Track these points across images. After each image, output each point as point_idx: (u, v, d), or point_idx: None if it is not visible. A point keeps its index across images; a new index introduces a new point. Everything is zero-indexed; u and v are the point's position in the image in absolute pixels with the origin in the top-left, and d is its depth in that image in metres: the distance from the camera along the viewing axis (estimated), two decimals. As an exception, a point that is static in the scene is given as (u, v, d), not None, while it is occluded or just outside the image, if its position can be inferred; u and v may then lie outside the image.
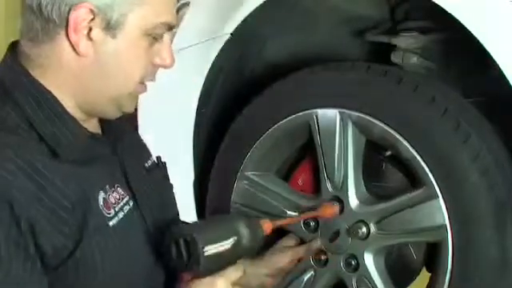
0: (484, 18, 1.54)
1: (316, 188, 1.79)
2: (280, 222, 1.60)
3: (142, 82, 1.32)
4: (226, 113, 1.94)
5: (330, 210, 1.70)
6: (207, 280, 1.35)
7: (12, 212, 1.15)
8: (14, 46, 1.31)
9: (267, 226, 1.49)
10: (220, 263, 1.37)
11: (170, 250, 1.34)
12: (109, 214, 1.29)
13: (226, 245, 1.36)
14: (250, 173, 1.86)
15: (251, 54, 1.96)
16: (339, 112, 1.70)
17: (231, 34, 1.85)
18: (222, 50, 1.86)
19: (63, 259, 1.22)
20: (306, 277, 1.78)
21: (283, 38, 1.95)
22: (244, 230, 1.40)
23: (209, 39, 1.87)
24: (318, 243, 1.73)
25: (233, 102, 1.96)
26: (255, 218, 1.50)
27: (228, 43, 1.86)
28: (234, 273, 1.38)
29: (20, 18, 1.29)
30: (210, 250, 1.33)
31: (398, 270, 1.78)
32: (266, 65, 1.99)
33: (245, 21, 1.82)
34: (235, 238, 1.38)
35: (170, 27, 1.31)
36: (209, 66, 1.88)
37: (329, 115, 1.72)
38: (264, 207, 1.82)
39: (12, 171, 1.17)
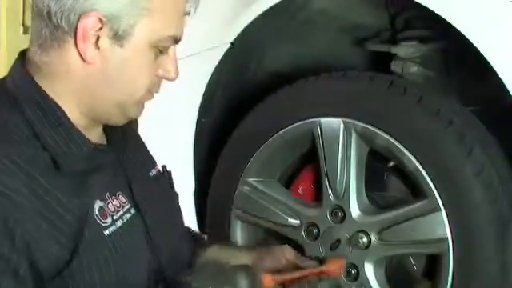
0: (483, 27, 1.55)
1: (317, 196, 1.80)
2: (282, 278, 1.44)
3: (149, 91, 1.33)
4: (227, 122, 1.94)
5: (337, 264, 1.53)
6: None
7: (6, 228, 1.15)
8: (23, 54, 1.31)
9: (268, 280, 1.41)
10: None
11: None
12: (104, 222, 1.28)
13: None
14: (251, 179, 1.86)
15: (251, 63, 1.96)
16: (343, 121, 1.70)
17: (231, 43, 1.85)
18: (222, 60, 1.87)
19: (59, 270, 1.21)
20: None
21: (283, 48, 1.96)
22: (243, 282, 1.35)
23: (209, 49, 1.88)
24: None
25: (233, 111, 1.96)
26: (255, 271, 1.40)
27: (228, 53, 1.86)
28: None
29: (30, 23, 1.30)
30: None
31: (398, 280, 1.77)
32: (266, 74, 1.99)
33: (245, 30, 1.82)
34: None
35: (177, 40, 1.31)
36: (209, 75, 1.88)
37: (332, 124, 1.72)
38: (265, 214, 1.83)
39: (12, 188, 1.16)
